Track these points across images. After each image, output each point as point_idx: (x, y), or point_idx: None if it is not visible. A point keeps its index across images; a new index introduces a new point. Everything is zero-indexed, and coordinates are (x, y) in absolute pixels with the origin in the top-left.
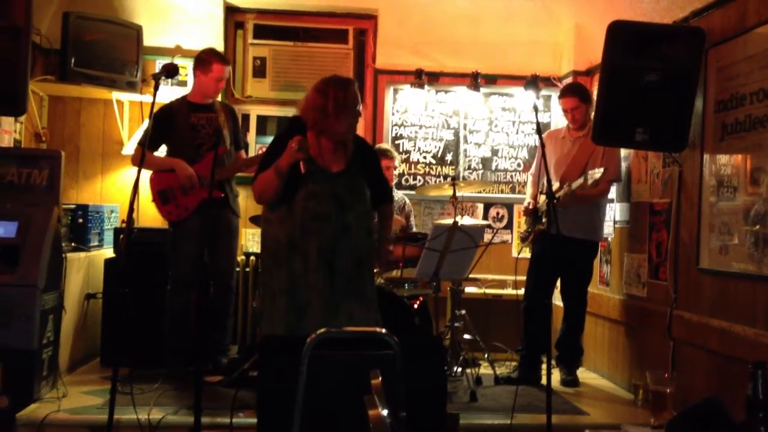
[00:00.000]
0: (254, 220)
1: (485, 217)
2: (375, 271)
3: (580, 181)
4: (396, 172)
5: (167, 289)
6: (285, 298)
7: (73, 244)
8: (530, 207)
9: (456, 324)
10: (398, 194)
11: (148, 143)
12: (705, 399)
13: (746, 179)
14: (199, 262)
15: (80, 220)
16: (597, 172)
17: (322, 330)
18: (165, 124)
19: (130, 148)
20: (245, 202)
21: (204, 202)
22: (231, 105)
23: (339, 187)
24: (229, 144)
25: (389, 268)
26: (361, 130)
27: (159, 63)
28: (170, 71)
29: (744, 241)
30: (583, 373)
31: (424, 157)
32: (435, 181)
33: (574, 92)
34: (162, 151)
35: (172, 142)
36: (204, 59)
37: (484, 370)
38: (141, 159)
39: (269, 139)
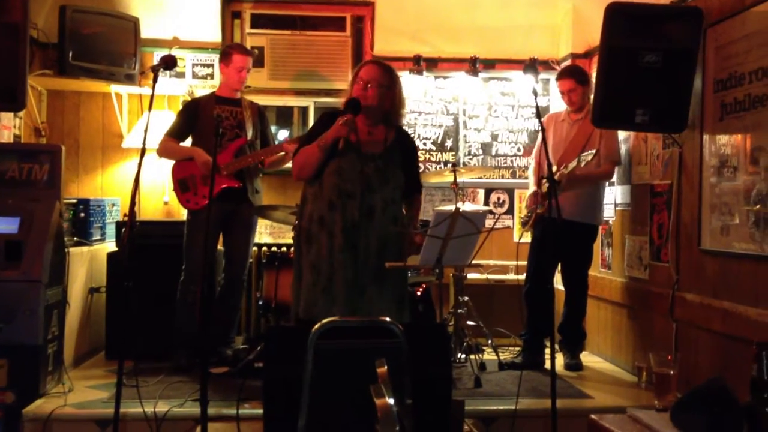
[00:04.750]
0: (257, 211)
1: (486, 203)
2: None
3: (574, 163)
4: None
5: (180, 280)
6: (311, 272)
7: (75, 238)
8: (535, 196)
9: (459, 310)
10: None
11: (174, 134)
12: (709, 380)
13: (746, 159)
14: (211, 253)
15: (82, 214)
16: (589, 154)
17: (327, 320)
18: (191, 116)
19: (129, 141)
20: (265, 197)
21: (223, 191)
22: (260, 105)
23: (368, 168)
24: (251, 137)
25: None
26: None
27: (157, 55)
28: (168, 63)
29: (745, 221)
30: (586, 357)
31: (424, 144)
32: (435, 168)
33: (570, 74)
34: (188, 143)
35: (196, 133)
36: (225, 52)
37: (488, 355)
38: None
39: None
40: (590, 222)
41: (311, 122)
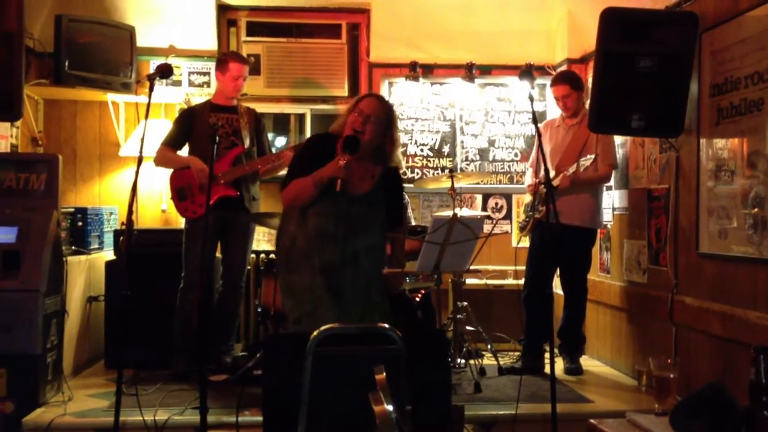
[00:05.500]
0: (255, 219)
1: (484, 208)
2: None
3: (573, 168)
4: None
5: (179, 288)
6: (293, 298)
7: (73, 247)
8: (532, 187)
9: (458, 316)
10: None
11: (171, 143)
12: (708, 385)
13: (743, 163)
14: (210, 261)
15: (80, 223)
16: (588, 159)
17: (325, 327)
18: (187, 124)
19: (126, 149)
20: (263, 204)
21: (220, 200)
22: (256, 111)
23: (354, 211)
24: (248, 145)
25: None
26: None
27: (153, 63)
28: (164, 72)
29: (743, 225)
30: (586, 361)
31: (422, 150)
32: (433, 174)
33: (565, 80)
34: (185, 151)
35: (192, 142)
36: (221, 60)
37: (488, 360)
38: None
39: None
40: (589, 226)
41: (308, 130)
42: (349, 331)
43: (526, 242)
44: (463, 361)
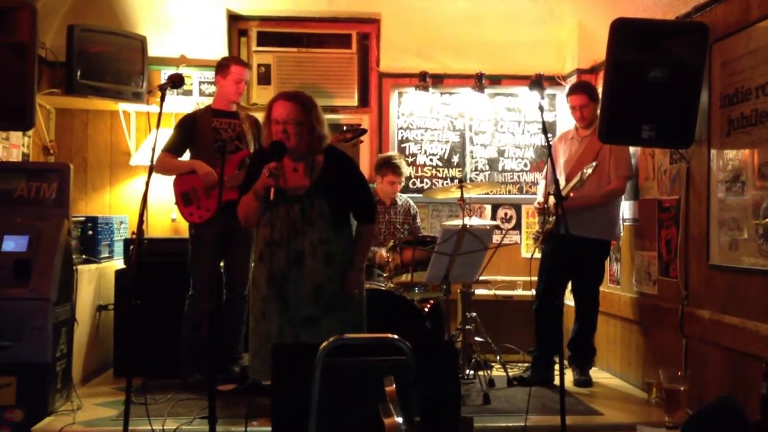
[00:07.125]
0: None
1: (493, 218)
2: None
3: (576, 180)
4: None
5: (188, 295)
6: (252, 322)
7: (83, 256)
8: (540, 205)
9: (467, 326)
10: (402, 197)
11: (172, 149)
12: (719, 398)
13: (754, 174)
14: (216, 269)
15: (90, 232)
16: (589, 167)
17: (334, 337)
18: (188, 130)
19: (137, 158)
20: None
21: (225, 204)
22: (255, 116)
23: (294, 211)
24: (253, 149)
25: (398, 272)
26: (367, 134)
27: (164, 73)
28: (176, 82)
29: (754, 236)
30: (596, 373)
31: (431, 160)
32: (442, 184)
33: (583, 90)
34: (186, 157)
35: (195, 147)
36: (222, 63)
37: (497, 371)
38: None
39: None
40: (602, 237)
41: None
42: (359, 342)
43: (537, 253)
44: (472, 372)
